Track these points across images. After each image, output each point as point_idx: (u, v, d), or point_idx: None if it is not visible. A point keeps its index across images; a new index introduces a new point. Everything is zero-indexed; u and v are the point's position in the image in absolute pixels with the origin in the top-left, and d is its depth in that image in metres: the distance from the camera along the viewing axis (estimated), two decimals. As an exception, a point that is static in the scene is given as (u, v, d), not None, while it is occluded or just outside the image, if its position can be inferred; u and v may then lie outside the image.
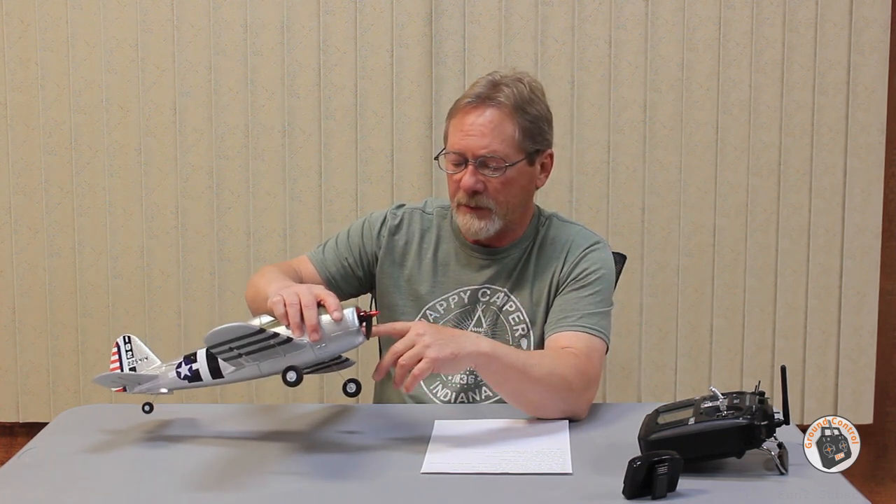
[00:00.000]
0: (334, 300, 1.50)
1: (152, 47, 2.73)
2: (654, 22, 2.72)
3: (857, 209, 2.77)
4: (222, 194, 2.77)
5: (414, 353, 1.53)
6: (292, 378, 1.48)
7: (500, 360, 1.60)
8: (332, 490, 1.41)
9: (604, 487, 1.36)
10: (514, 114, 1.81)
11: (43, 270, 2.80)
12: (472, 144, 1.80)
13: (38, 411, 2.84)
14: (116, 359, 1.65)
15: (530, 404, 1.66)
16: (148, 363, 1.64)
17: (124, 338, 1.66)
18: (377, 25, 2.72)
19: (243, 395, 2.83)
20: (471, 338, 1.61)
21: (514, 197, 1.85)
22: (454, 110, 1.86)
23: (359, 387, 1.54)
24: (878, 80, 2.73)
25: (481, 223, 1.84)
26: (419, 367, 1.52)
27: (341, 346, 1.51)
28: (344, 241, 1.97)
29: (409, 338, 1.55)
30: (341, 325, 1.49)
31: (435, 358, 1.52)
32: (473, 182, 1.81)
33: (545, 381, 1.63)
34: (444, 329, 1.63)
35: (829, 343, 2.82)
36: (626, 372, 2.83)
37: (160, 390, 1.61)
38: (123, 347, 1.66)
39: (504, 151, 1.81)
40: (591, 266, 1.87)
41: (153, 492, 1.42)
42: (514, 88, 1.82)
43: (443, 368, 1.55)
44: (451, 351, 1.54)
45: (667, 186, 2.76)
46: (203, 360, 1.56)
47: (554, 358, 1.70)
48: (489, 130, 1.80)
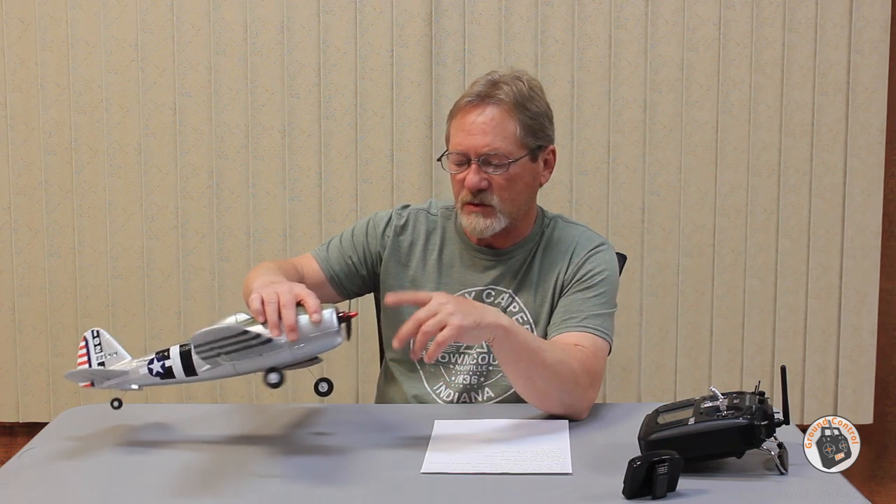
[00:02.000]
0: (314, 301, 1.49)
1: (152, 47, 2.73)
2: (654, 22, 2.72)
3: (857, 209, 2.77)
4: (222, 194, 2.77)
5: (438, 321, 1.51)
6: (274, 380, 1.48)
7: (516, 336, 1.60)
8: (332, 490, 1.41)
9: (604, 487, 1.36)
10: (515, 110, 1.81)
11: (43, 270, 2.80)
12: (474, 143, 1.81)
13: (38, 411, 2.85)
14: (84, 352, 1.59)
15: (536, 390, 1.66)
16: (117, 358, 1.59)
17: (93, 332, 1.60)
18: (377, 25, 2.72)
19: (243, 395, 2.83)
20: (491, 310, 1.61)
21: (518, 194, 1.85)
22: (454, 111, 1.87)
23: (331, 386, 1.52)
24: (878, 80, 2.73)
25: (487, 221, 1.84)
26: (443, 334, 1.50)
27: (320, 346, 1.49)
28: (349, 239, 1.97)
29: (433, 306, 1.53)
30: (320, 327, 1.47)
31: (460, 325, 1.51)
32: (478, 180, 1.81)
33: (555, 368, 1.64)
34: (465, 299, 1.63)
35: (829, 343, 2.82)
36: (626, 372, 2.83)
37: (130, 386, 1.56)
38: (92, 342, 1.60)
39: (506, 148, 1.81)
40: (595, 267, 1.87)
41: (153, 492, 1.42)
42: (514, 86, 1.82)
43: (465, 337, 1.54)
44: (474, 320, 1.54)
45: (667, 186, 2.76)
46: (177, 357, 1.53)
47: (564, 350, 1.71)
48: (490, 128, 1.80)
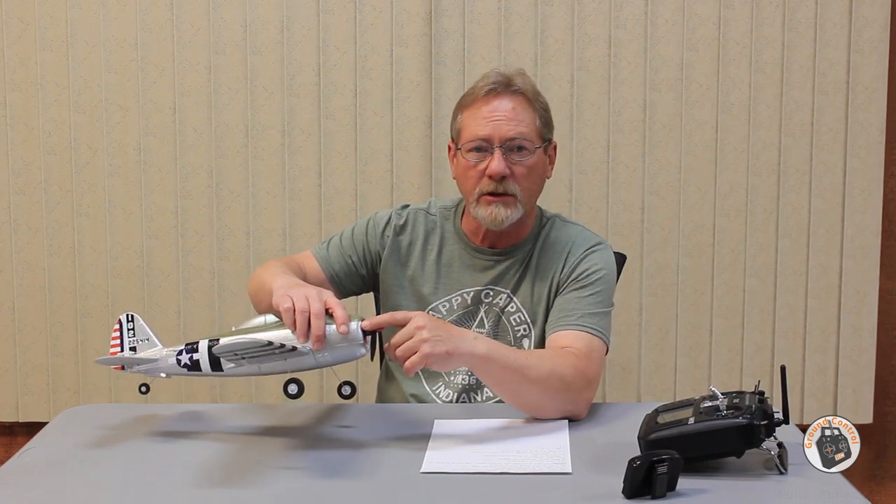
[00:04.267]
0: (343, 312, 1.50)
1: (152, 47, 2.73)
2: (654, 22, 2.72)
3: (857, 209, 2.77)
4: (222, 194, 2.77)
5: (409, 346, 1.53)
6: (293, 391, 1.53)
7: (496, 362, 1.60)
8: (332, 489, 1.41)
9: (604, 487, 1.36)
10: (533, 101, 1.84)
11: (42, 270, 2.80)
12: (498, 128, 1.80)
13: (38, 411, 2.85)
14: (118, 336, 1.64)
15: (529, 405, 1.66)
16: (149, 344, 1.63)
17: (127, 316, 1.65)
18: (377, 25, 2.72)
19: (243, 395, 2.83)
20: (468, 338, 1.60)
21: (534, 184, 1.86)
22: (468, 102, 1.85)
23: (353, 389, 1.56)
24: (878, 80, 2.73)
25: (507, 211, 1.82)
26: (411, 360, 1.52)
27: (343, 356, 1.53)
28: (349, 238, 1.97)
29: (408, 329, 1.55)
30: (346, 338, 1.50)
31: (429, 353, 1.53)
32: (503, 167, 1.80)
33: (543, 382, 1.63)
34: (444, 324, 1.62)
35: (829, 343, 2.82)
36: (626, 372, 2.83)
37: (158, 374, 1.61)
38: (126, 326, 1.64)
39: (530, 135, 1.82)
40: (592, 267, 1.87)
41: (153, 491, 1.42)
42: (526, 79, 1.86)
43: (435, 365, 1.55)
44: (445, 349, 1.54)
45: (667, 186, 2.76)
46: (205, 352, 1.57)
47: (554, 358, 1.69)
48: (514, 115, 1.81)
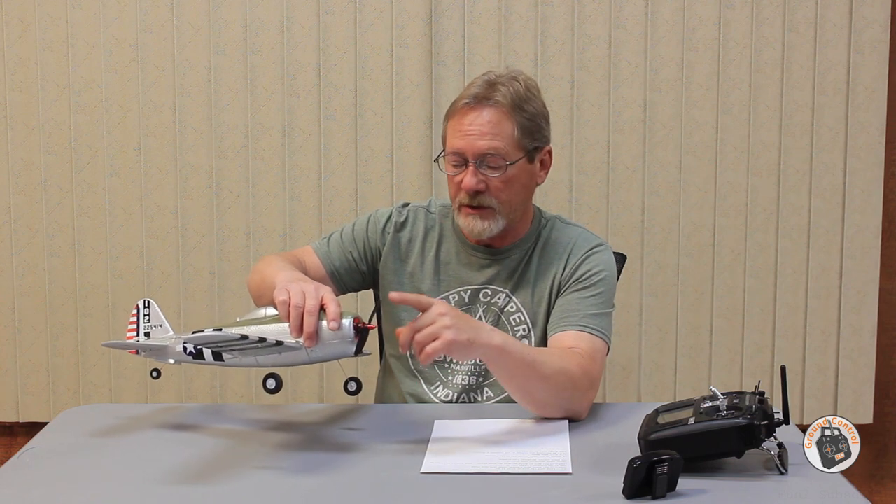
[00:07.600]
0: (336, 308, 1.50)
1: (152, 47, 2.73)
2: (654, 22, 2.72)
3: (857, 209, 2.77)
4: (222, 194, 2.77)
5: (431, 332, 1.53)
6: (271, 385, 1.53)
7: (510, 355, 1.61)
8: (332, 489, 1.41)
9: (604, 487, 1.36)
10: (513, 112, 1.81)
11: (42, 270, 2.80)
12: (471, 144, 1.80)
13: (38, 411, 2.85)
14: (135, 321, 1.72)
15: (535, 401, 1.66)
16: (162, 330, 1.70)
17: (145, 301, 1.72)
18: (377, 25, 2.72)
19: (243, 395, 2.83)
20: (486, 329, 1.62)
21: (515, 195, 1.85)
22: (451, 112, 1.86)
23: (359, 385, 1.56)
24: (878, 80, 2.73)
25: (485, 223, 1.84)
26: (433, 345, 1.52)
27: (334, 353, 1.52)
28: (349, 234, 1.97)
29: (431, 315, 1.55)
30: (337, 334, 1.50)
31: (452, 340, 1.53)
32: (475, 182, 1.81)
33: (553, 379, 1.64)
34: (464, 314, 1.63)
35: (829, 343, 2.82)
36: (626, 372, 2.83)
37: (167, 360, 1.66)
38: (142, 311, 1.71)
39: (504, 150, 1.81)
40: (593, 268, 1.87)
41: (153, 491, 1.41)
42: (511, 87, 1.82)
43: (455, 352, 1.56)
44: (467, 337, 1.55)
45: (667, 186, 2.76)
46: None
47: (562, 356, 1.70)
48: (488, 130, 1.80)
